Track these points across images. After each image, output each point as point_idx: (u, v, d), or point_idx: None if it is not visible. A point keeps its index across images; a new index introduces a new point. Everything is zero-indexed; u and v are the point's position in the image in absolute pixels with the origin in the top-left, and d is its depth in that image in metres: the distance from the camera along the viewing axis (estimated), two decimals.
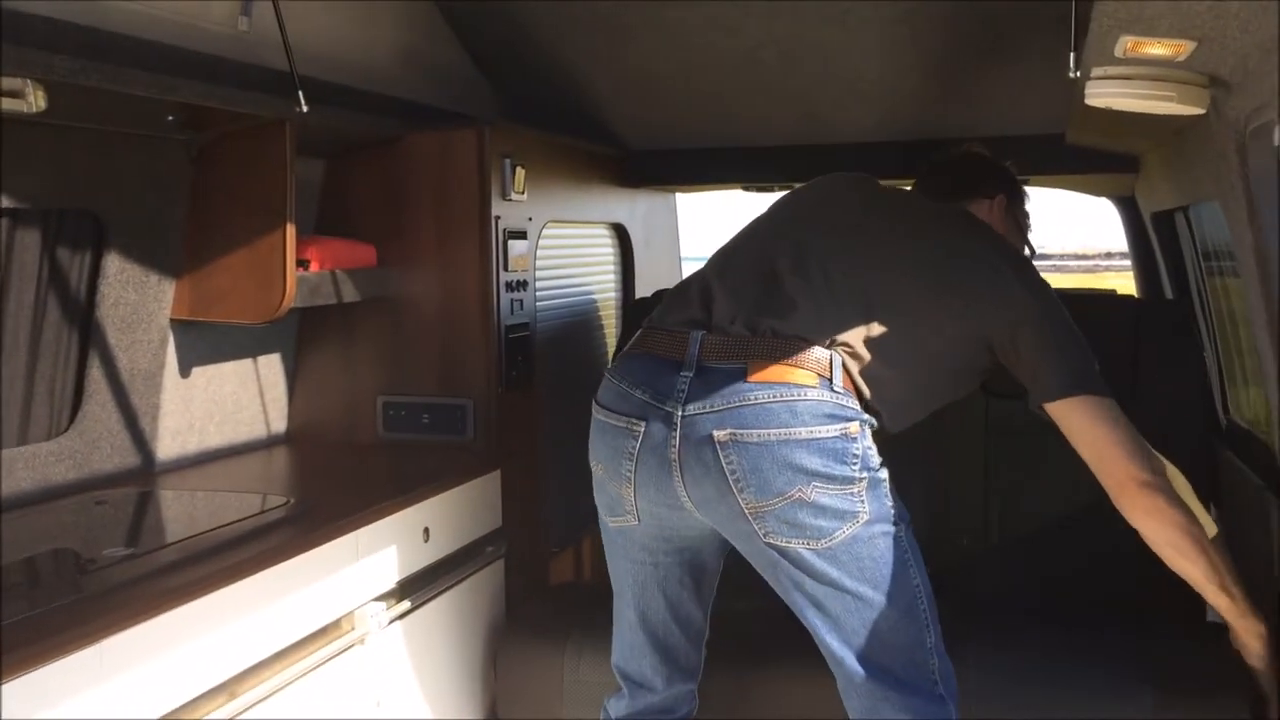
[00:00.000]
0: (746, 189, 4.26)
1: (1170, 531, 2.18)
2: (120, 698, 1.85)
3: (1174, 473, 2.26)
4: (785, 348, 2.15)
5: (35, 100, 2.06)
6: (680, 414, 2.14)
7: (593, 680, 2.71)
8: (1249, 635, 2.25)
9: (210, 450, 2.98)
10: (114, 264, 2.63)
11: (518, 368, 3.24)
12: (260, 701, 2.14)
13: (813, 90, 3.44)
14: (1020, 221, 2.71)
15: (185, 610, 1.96)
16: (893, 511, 2.15)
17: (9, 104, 2.04)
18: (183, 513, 2.58)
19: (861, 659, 2.14)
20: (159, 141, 2.70)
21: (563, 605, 2.82)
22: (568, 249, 3.80)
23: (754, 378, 2.12)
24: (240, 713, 2.09)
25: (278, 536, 2.28)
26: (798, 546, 2.10)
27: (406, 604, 2.62)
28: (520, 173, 3.23)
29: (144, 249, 2.70)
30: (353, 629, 2.44)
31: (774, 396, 2.10)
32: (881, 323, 2.21)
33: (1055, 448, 2.37)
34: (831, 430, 2.08)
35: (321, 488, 2.80)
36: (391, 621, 2.54)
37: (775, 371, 2.12)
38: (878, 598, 2.13)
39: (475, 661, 2.95)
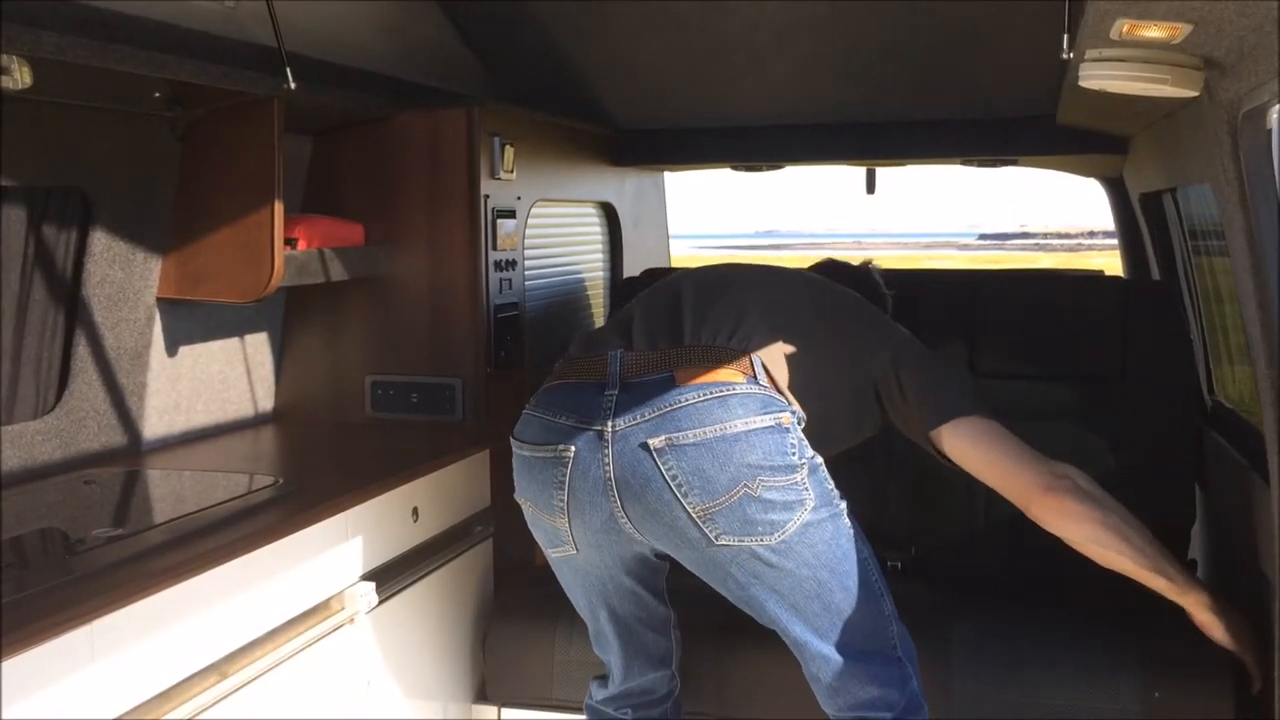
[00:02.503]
0: (735, 168, 4.25)
1: (1086, 528, 2.21)
2: (110, 678, 1.85)
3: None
4: (708, 354, 2.19)
5: (21, 76, 2.04)
6: (611, 429, 2.13)
7: (582, 659, 2.72)
8: (1197, 609, 2.28)
9: (197, 429, 2.96)
10: (100, 242, 2.61)
11: (506, 347, 3.23)
12: (250, 681, 2.14)
13: (804, 70, 3.43)
14: None
15: (175, 591, 1.95)
16: (833, 492, 2.19)
17: None
18: (171, 492, 2.57)
19: (826, 640, 2.18)
20: (146, 119, 2.67)
21: (552, 585, 2.82)
22: (556, 228, 3.79)
23: (681, 381, 2.13)
24: (230, 693, 2.09)
25: (266, 516, 2.27)
26: (751, 544, 2.11)
27: (395, 584, 2.62)
28: (509, 151, 3.21)
29: (130, 227, 2.68)
30: (342, 609, 2.43)
31: (704, 395, 2.11)
32: (785, 348, 2.24)
33: (1042, 430, 2.38)
34: (766, 420, 2.10)
35: (310, 467, 2.79)
36: (380, 601, 2.54)
37: (701, 373, 2.15)
38: (835, 579, 2.16)
39: (464, 641, 2.95)
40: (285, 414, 3.25)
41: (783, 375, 2.22)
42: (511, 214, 3.27)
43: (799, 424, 2.17)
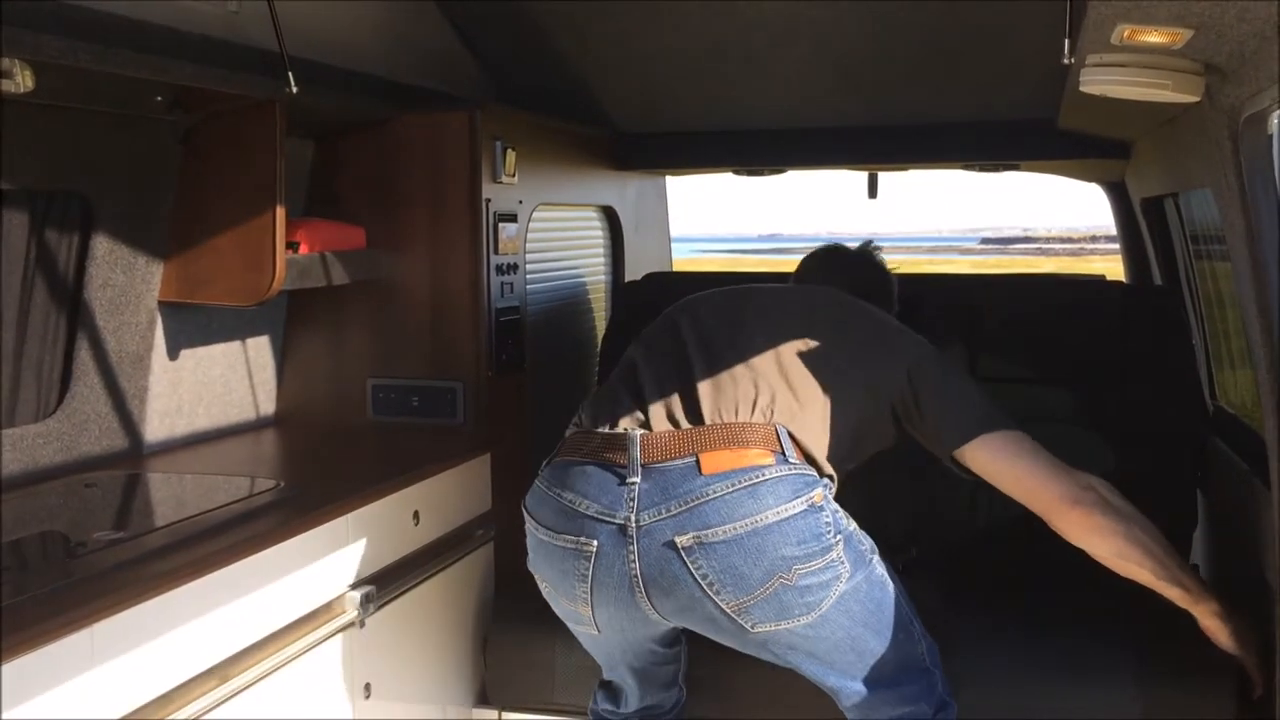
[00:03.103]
0: (737, 172, 4.25)
1: (1111, 542, 2.17)
2: (111, 681, 1.85)
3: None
4: (730, 431, 2.09)
5: (23, 80, 2.04)
6: (635, 524, 2.04)
7: (583, 663, 2.72)
8: (1207, 617, 2.26)
9: (199, 433, 2.96)
10: (102, 246, 2.62)
11: (508, 351, 3.23)
12: (251, 685, 2.14)
13: (804, 74, 3.44)
14: None
15: (176, 594, 1.95)
16: (863, 548, 2.14)
17: None
18: (172, 496, 2.57)
19: (859, 680, 2.15)
20: (147, 122, 2.67)
21: None
22: (558, 232, 3.79)
23: (708, 469, 2.04)
24: (231, 696, 2.08)
25: (267, 520, 2.27)
26: (788, 627, 2.07)
27: (396, 588, 2.62)
28: (511, 155, 3.21)
29: (132, 231, 2.68)
30: (343, 613, 2.43)
31: (733, 485, 2.03)
32: (809, 406, 2.18)
33: (1044, 434, 2.37)
34: (799, 505, 2.04)
35: (311, 471, 2.79)
36: (381, 605, 2.54)
37: (728, 458, 2.05)
38: (869, 631, 2.13)
39: (465, 644, 2.95)
40: (286, 417, 3.25)
41: (810, 436, 2.15)
42: (513, 218, 3.27)
43: (831, 490, 2.12)
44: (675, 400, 2.19)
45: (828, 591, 2.06)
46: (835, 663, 2.14)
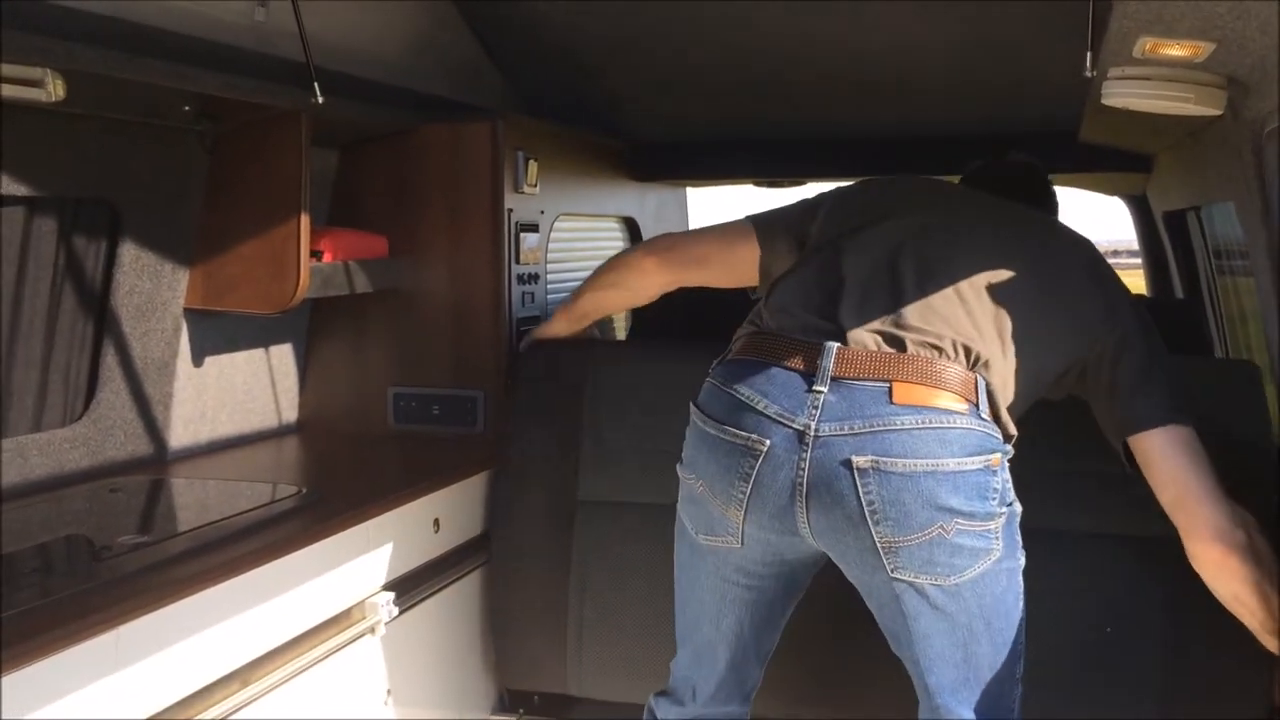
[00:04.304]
0: (757, 184, 4.26)
1: (1235, 587, 2.06)
2: (135, 683, 1.87)
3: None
4: (931, 368, 1.98)
5: (54, 89, 2.07)
6: (814, 433, 1.95)
7: (599, 668, 2.74)
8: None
9: (222, 439, 2.99)
10: (129, 253, 2.64)
11: None
12: (272, 689, 2.15)
13: (825, 86, 3.44)
14: None
15: (199, 598, 1.97)
16: (1019, 546, 2.06)
17: (28, 93, 2.04)
18: (195, 501, 2.59)
19: (953, 696, 2.05)
20: (175, 131, 2.70)
21: (569, 595, 2.83)
22: (578, 242, 3.81)
23: (900, 399, 1.95)
24: (252, 700, 2.10)
25: (289, 526, 2.29)
26: (924, 583, 1.98)
27: (416, 594, 2.63)
28: (533, 166, 3.23)
29: (159, 238, 2.71)
30: (363, 618, 2.45)
31: (923, 422, 1.94)
32: (1010, 328, 2.07)
33: (1060, 449, 2.35)
34: (977, 463, 1.95)
35: (332, 478, 2.81)
36: (401, 611, 2.55)
37: (923, 394, 1.96)
38: (987, 634, 2.04)
39: (484, 651, 2.96)
40: (309, 424, 3.27)
41: (1003, 390, 2.05)
42: (535, 228, 3.29)
43: (1008, 457, 2.03)
44: (878, 315, 2.06)
45: (975, 560, 1.97)
46: (943, 655, 2.03)
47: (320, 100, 2.34)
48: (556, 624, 2.81)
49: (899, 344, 2.01)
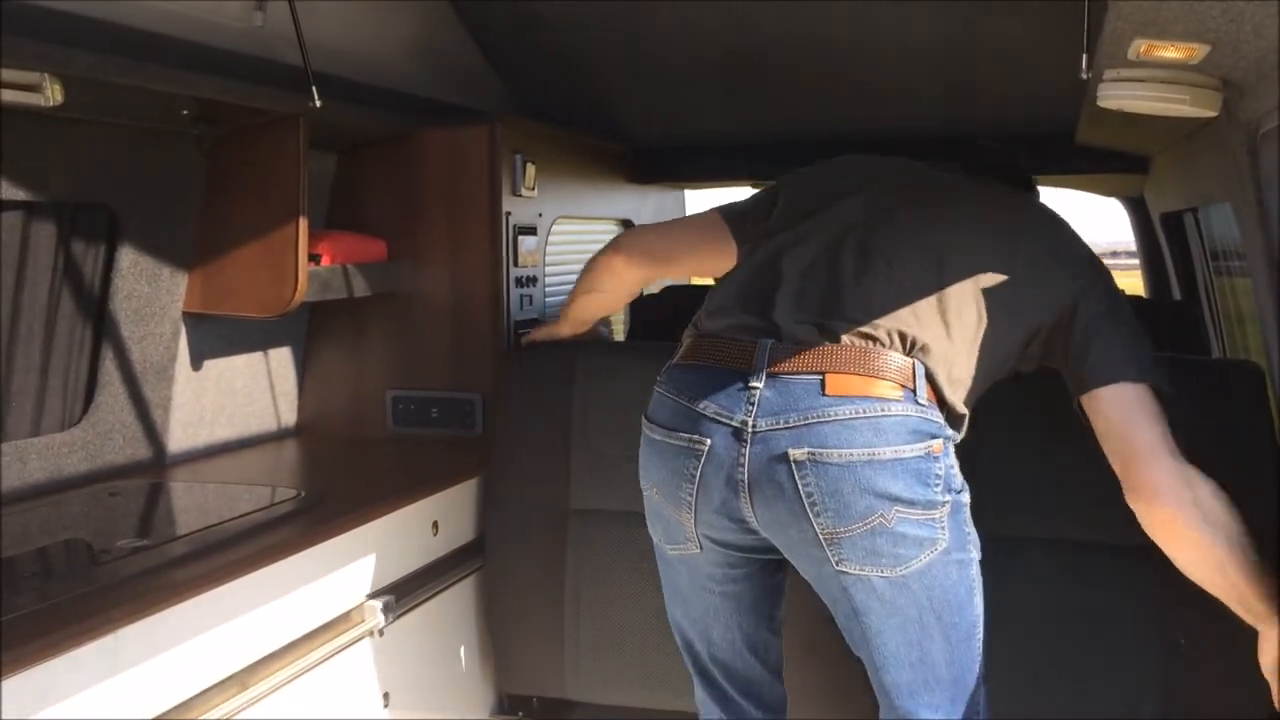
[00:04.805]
0: (755, 186, 4.26)
1: (1191, 554, 2.01)
2: (134, 687, 1.87)
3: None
4: (864, 357, 1.98)
5: (52, 94, 2.08)
6: (751, 429, 1.97)
7: (600, 671, 2.74)
8: (1267, 641, 2.07)
9: (220, 443, 2.99)
10: (127, 257, 2.65)
11: None
12: (271, 692, 2.15)
13: (823, 88, 3.45)
14: None
15: (198, 601, 1.97)
16: (969, 539, 2.04)
17: (27, 97, 2.05)
18: (194, 504, 2.59)
19: (913, 694, 2.04)
20: (173, 136, 2.71)
21: (570, 598, 2.83)
22: (577, 245, 3.81)
23: (833, 391, 1.96)
24: (251, 703, 2.10)
25: (288, 529, 2.29)
26: (870, 575, 1.97)
27: (415, 597, 2.63)
28: (531, 169, 3.23)
29: (157, 242, 2.71)
30: (362, 621, 2.45)
31: (856, 412, 1.94)
32: (957, 308, 2.05)
33: (1056, 448, 2.35)
34: (916, 449, 1.94)
35: (331, 481, 2.81)
36: (401, 614, 2.56)
37: (856, 384, 1.96)
38: (940, 629, 2.02)
39: (484, 654, 2.96)
40: (307, 428, 3.28)
41: (949, 375, 2.03)
42: (533, 231, 3.29)
43: (952, 444, 2.01)
44: (813, 308, 2.07)
45: (920, 551, 1.95)
46: (897, 655, 2.02)
47: (318, 104, 2.34)
48: (554, 628, 2.81)
49: (833, 335, 2.02)
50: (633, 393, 2.70)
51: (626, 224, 4.24)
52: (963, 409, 2.06)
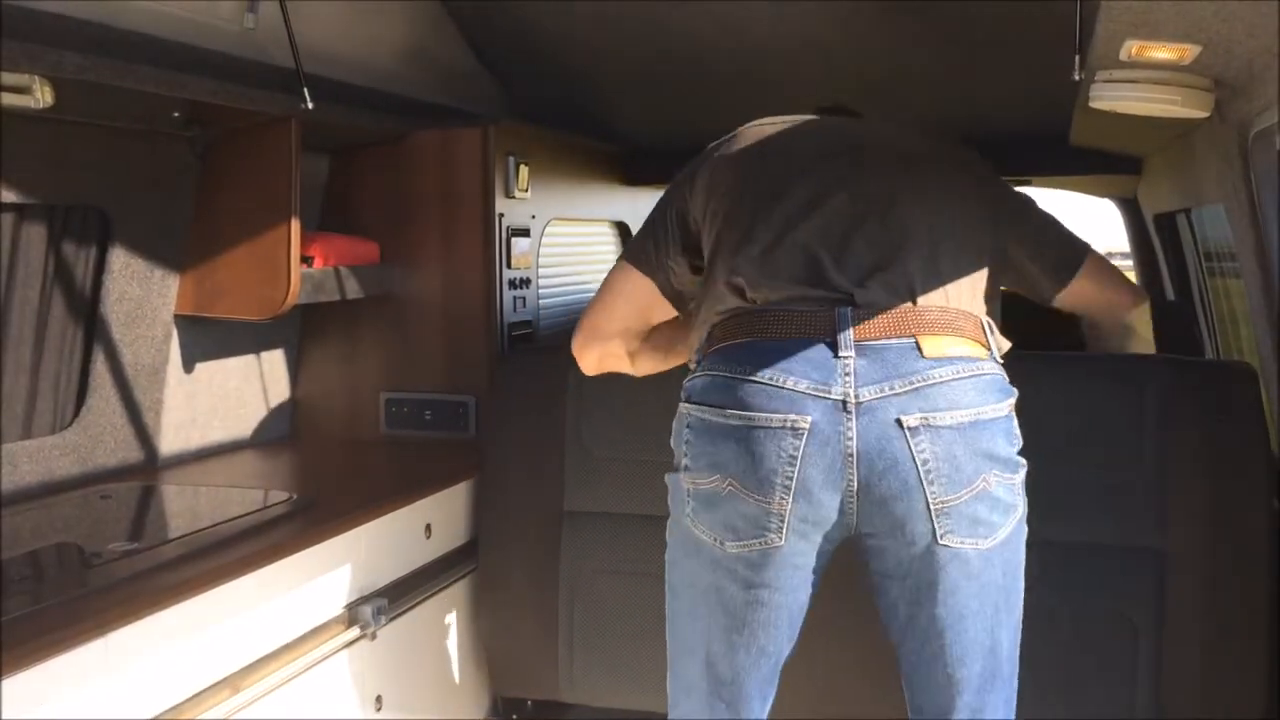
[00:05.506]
0: None
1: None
2: (125, 691, 1.86)
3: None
4: (945, 316, 1.92)
5: (43, 96, 2.07)
6: (856, 399, 1.85)
7: (592, 673, 2.73)
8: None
9: (213, 445, 2.98)
10: (119, 259, 2.64)
11: None
12: (263, 696, 2.14)
13: (817, 91, 3.43)
14: None
15: (190, 604, 1.97)
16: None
17: (17, 99, 2.05)
18: (186, 507, 2.58)
19: (981, 689, 1.96)
20: (165, 137, 2.70)
21: (560, 601, 2.83)
22: (570, 247, 3.81)
23: (931, 353, 1.88)
24: (243, 707, 2.10)
25: (281, 532, 2.29)
26: (968, 548, 1.89)
27: (408, 600, 2.63)
28: (524, 171, 3.23)
29: (149, 244, 2.71)
30: (356, 624, 2.44)
31: (957, 373, 1.87)
32: (964, 260, 2.02)
33: (1051, 444, 2.36)
34: (1004, 408, 1.91)
35: (324, 484, 2.81)
36: (393, 617, 2.55)
37: (949, 344, 1.90)
38: (1008, 611, 1.97)
39: (477, 657, 2.96)
40: (300, 430, 3.27)
41: (993, 323, 2.02)
42: (526, 233, 3.29)
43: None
44: (862, 270, 1.96)
45: (1007, 518, 1.91)
46: (976, 642, 1.93)
47: (310, 105, 2.34)
48: (547, 631, 2.80)
49: (907, 296, 1.93)
50: (626, 395, 2.70)
51: (620, 226, 4.24)
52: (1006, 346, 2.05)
